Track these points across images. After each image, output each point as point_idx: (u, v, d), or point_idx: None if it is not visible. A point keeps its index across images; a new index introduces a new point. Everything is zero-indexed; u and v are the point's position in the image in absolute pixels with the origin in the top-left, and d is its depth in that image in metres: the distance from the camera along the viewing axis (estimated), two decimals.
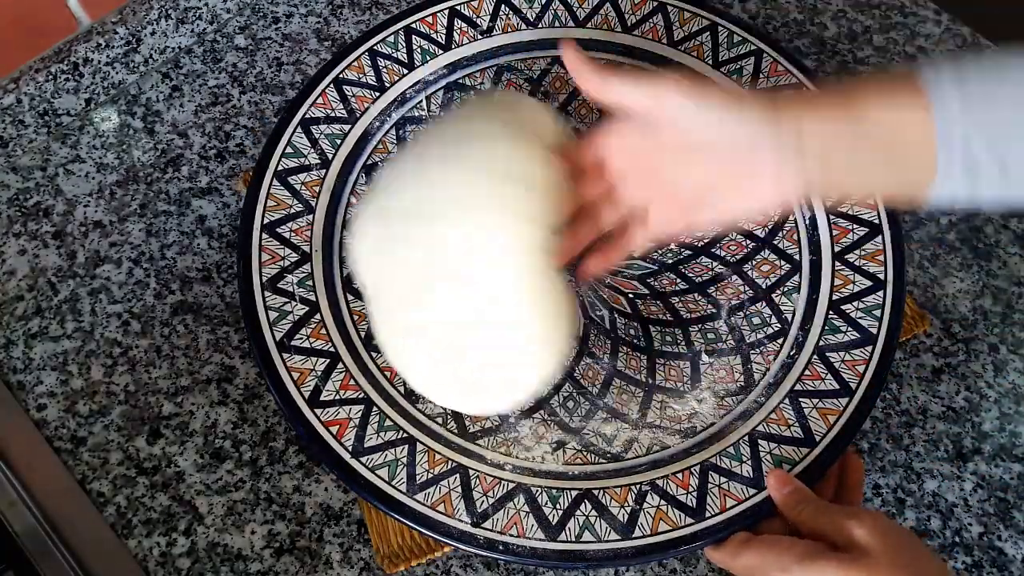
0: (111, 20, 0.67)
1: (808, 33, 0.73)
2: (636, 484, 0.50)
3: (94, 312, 0.61)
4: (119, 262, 0.63)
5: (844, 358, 0.53)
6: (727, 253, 0.59)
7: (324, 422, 0.51)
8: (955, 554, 0.54)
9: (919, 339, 0.60)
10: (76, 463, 0.56)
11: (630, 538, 0.48)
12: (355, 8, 0.74)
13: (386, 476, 0.50)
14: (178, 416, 0.58)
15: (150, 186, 0.66)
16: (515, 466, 0.51)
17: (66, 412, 0.58)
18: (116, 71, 0.69)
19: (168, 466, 0.56)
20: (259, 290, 0.54)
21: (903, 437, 0.57)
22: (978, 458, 0.57)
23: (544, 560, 0.48)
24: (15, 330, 0.60)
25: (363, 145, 0.61)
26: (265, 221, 0.57)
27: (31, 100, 0.65)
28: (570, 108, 0.65)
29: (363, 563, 0.53)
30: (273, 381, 0.52)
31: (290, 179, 0.58)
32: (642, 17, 0.65)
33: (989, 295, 0.62)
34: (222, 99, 0.70)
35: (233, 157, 0.67)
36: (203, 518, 0.54)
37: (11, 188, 0.66)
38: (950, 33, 0.73)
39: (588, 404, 0.55)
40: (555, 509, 0.49)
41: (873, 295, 0.55)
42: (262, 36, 0.73)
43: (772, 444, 0.51)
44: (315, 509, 0.55)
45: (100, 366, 0.59)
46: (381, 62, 0.63)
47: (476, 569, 0.53)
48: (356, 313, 0.56)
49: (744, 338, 0.56)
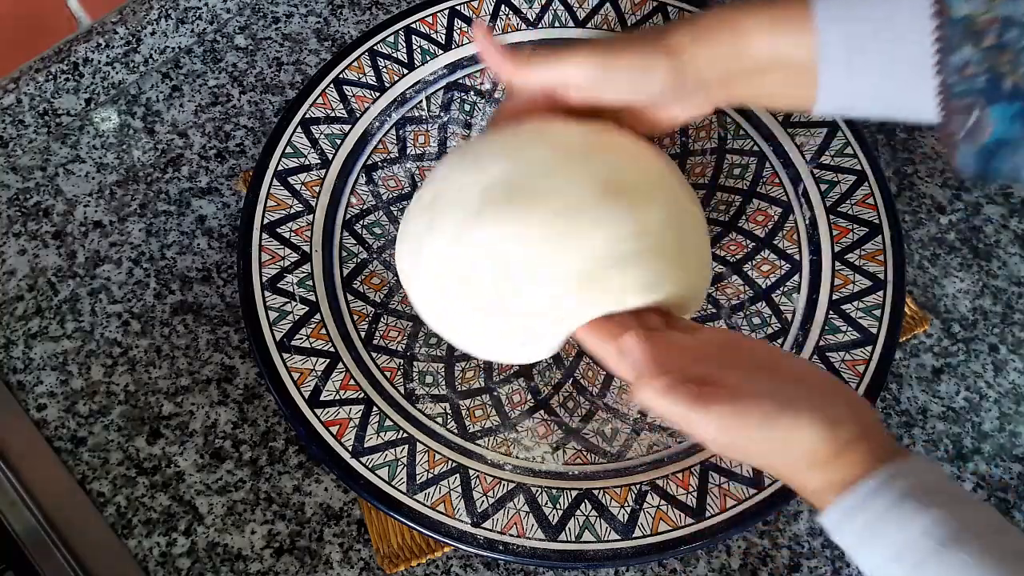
0: (111, 20, 0.67)
1: None
2: (636, 484, 0.50)
3: (94, 312, 0.61)
4: (119, 262, 0.63)
5: (844, 358, 0.53)
6: (727, 253, 0.59)
7: (324, 422, 0.51)
8: None
9: (919, 339, 0.60)
10: (76, 463, 0.56)
11: (630, 538, 0.48)
12: (355, 8, 0.74)
13: (386, 476, 0.50)
14: (178, 416, 0.58)
15: (150, 186, 0.66)
16: (515, 466, 0.51)
17: (66, 412, 0.58)
18: (116, 71, 0.69)
19: (168, 466, 0.56)
20: (259, 290, 0.54)
21: (903, 437, 0.57)
22: (978, 458, 0.57)
23: (544, 560, 0.48)
24: (15, 330, 0.60)
25: (363, 145, 0.61)
26: (265, 221, 0.57)
27: (31, 100, 0.65)
28: None
29: (363, 563, 0.53)
30: (273, 381, 0.52)
31: (290, 179, 0.58)
32: (642, 17, 0.65)
33: (989, 295, 0.62)
34: (222, 99, 0.70)
35: (233, 157, 0.67)
36: (203, 518, 0.54)
37: (11, 188, 0.66)
38: None
39: (588, 404, 0.55)
40: (555, 509, 0.49)
41: (873, 295, 0.55)
42: (262, 36, 0.73)
43: None
44: (315, 509, 0.55)
45: (100, 366, 0.59)
46: (381, 62, 0.63)
47: (476, 569, 0.53)
48: (356, 313, 0.56)
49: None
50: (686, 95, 0.45)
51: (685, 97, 0.45)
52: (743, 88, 0.45)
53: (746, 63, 0.43)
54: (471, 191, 0.45)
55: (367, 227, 0.60)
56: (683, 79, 0.44)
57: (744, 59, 0.43)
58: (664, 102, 0.46)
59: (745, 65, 0.43)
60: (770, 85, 0.44)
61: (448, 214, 0.45)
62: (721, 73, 0.44)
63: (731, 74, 0.44)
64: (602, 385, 0.56)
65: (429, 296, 0.47)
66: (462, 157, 0.47)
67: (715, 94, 0.45)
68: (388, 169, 0.62)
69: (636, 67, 0.44)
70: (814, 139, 0.60)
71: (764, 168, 0.61)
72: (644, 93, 0.45)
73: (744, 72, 0.43)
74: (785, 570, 0.53)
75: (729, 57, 0.43)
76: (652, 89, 0.45)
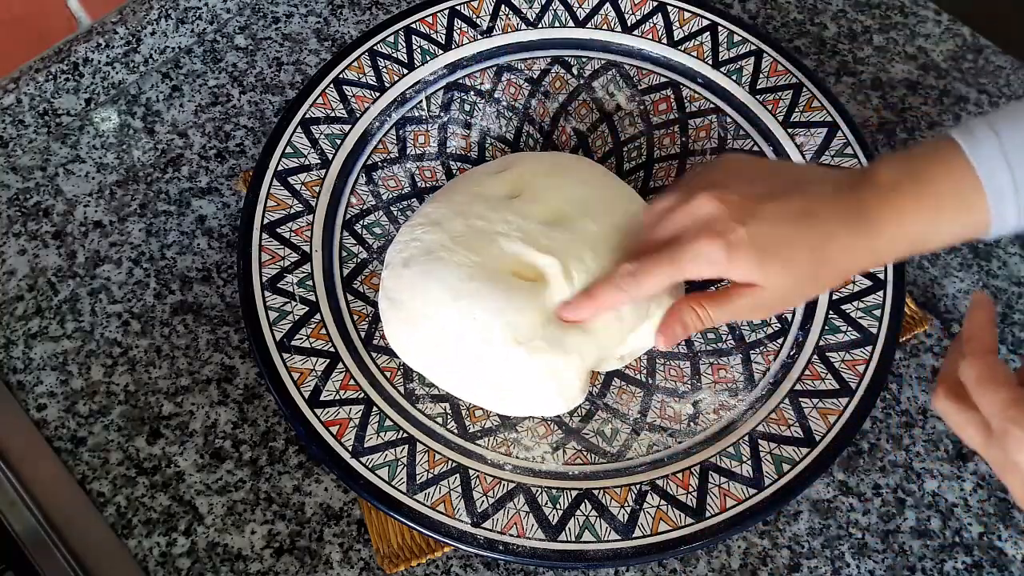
0: (111, 20, 0.67)
1: (808, 33, 0.73)
2: (636, 484, 0.50)
3: (94, 312, 0.61)
4: (119, 262, 0.63)
5: (844, 358, 0.53)
6: None
7: (324, 422, 0.51)
8: (955, 554, 0.54)
9: (919, 339, 0.60)
10: (76, 463, 0.56)
11: (630, 538, 0.48)
12: (355, 8, 0.74)
13: (386, 476, 0.50)
14: (178, 416, 0.58)
15: (150, 186, 0.66)
16: (515, 466, 0.51)
17: (66, 412, 0.58)
18: (116, 71, 0.69)
19: (168, 466, 0.56)
20: (259, 290, 0.54)
21: (903, 437, 0.57)
22: (978, 458, 0.57)
23: (544, 560, 0.48)
24: (15, 330, 0.60)
25: (363, 145, 0.61)
26: (265, 221, 0.57)
27: (31, 100, 0.65)
28: (570, 108, 0.65)
29: (363, 563, 0.53)
30: (273, 381, 0.52)
31: (290, 179, 0.58)
32: (642, 17, 0.65)
33: (989, 295, 0.62)
34: (222, 99, 0.70)
35: (233, 157, 0.67)
36: (203, 518, 0.54)
37: (11, 188, 0.66)
38: (950, 33, 0.73)
39: (588, 404, 0.55)
40: (555, 509, 0.49)
41: (873, 295, 0.55)
42: (262, 36, 0.73)
43: (772, 444, 0.51)
44: (315, 509, 0.55)
45: (100, 366, 0.59)
46: (381, 62, 0.63)
47: (476, 569, 0.53)
48: (356, 313, 0.56)
49: (744, 338, 0.56)
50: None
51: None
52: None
53: (925, 249, 0.44)
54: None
55: (367, 227, 0.60)
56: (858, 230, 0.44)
57: (926, 248, 0.44)
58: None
59: (929, 246, 0.44)
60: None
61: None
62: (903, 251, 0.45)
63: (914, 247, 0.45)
64: (602, 385, 0.56)
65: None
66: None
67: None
68: (388, 169, 0.62)
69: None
70: (814, 139, 0.60)
71: None
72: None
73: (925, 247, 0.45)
74: (785, 570, 0.53)
75: (915, 248, 0.44)
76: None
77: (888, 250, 0.44)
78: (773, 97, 0.62)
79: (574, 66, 0.65)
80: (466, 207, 0.54)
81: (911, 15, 0.74)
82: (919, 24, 0.74)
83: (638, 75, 0.64)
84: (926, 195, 0.42)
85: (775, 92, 0.62)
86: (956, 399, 0.39)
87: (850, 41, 0.73)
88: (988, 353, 0.38)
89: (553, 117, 0.65)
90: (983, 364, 0.37)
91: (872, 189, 0.43)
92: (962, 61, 0.72)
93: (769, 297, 0.45)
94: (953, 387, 0.39)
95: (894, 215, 0.42)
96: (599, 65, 0.65)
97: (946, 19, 0.74)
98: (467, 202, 0.55)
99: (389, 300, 0.54)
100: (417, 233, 0.54)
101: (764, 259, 0.43)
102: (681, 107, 0.64)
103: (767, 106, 0.61)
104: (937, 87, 0.71)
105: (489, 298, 0.50)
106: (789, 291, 0.45)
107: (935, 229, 0.42)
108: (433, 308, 0.51)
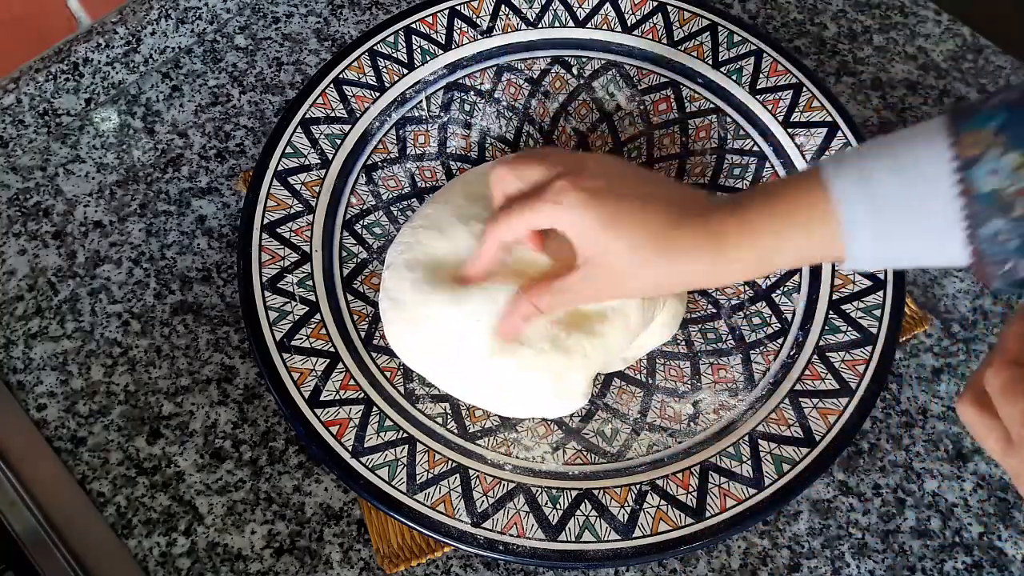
0: (111, 20, 0.67)
1: (808, 33, 0.73)
2: (636, 484, 0.50)
3: (94, 312, 0.61)
4: (119, 262, 0.63)
5: (844, 358, 0.53)
6: None
7: (324, 422, 0.51)
8: (955, 554, 0.54)
9: (919, 339, 0.60)
10: (76, 463, 0.56)
11: (630, 538, 0.48)
12: (355, 8, 0.74)
13: (386, 476, 0.50)
14: (178, 416, 0.58)
15: (150, 186, 0.66)
16: (515, 466, 0.51)
17: (66, 412, 0.58)
18: (116, 71, 0.69)
19: (168, 466, 0.56)
20: (259, 290, 0.54)
21: (903, 437, 0.57)
22: (978, 458, 0.57)
23: (544, 560, 0.48)
24: (15, 330, 0.60)
25: (363, 145, 0.61)
26: (265, 221, 0.57)
27: (31, 100, 0.65)
28: (570, 108, 0.65)
29: (363, 563, 0.53)
30: (273, 381, 0.52)
31: (290, 179, 0.58)
32: (642, 17, 0.65)
33: (989, 295, 0.62)
34: (222, 99, 0.70)
35: (233, 157, 0.67)
36: (203, 518, 0.54)
37: (11, 188, 0.66)
38: (950, 33, 0.73)
39: (588, 404, 0.55)
40: (555, 509, 0.49)
41: (873, 295, 0.55)
42: (262, 36, 0.73)
43: (772, 444, 0.51)
44: (315, 509, 0.55)
45: (100, 366, 0.59)
46: (381, 62, 0.63)
47: (476, 569, 0.53)
48: (356, 313, 0.56)
49: (744, 338, 0.56)
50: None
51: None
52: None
53: (777, 264, 0.44)
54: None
55: (367, 227, 0.60)
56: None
57: (776, 262, 0.44)
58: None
59: (776, 265, 0.44)
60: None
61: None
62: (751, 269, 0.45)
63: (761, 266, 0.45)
64: (602, 385, 0.56)
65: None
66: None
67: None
68: (388, 169, 0.62)
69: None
70: (814, 139, 0.60)
71: (764, 168, 0.61)
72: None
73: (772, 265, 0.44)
74: (785, 570, 0.53)
75: (762, 262, 0.44)
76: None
77: (734, 258, 0.43)
78: (773, 97, 0.62)
79: (574, 66, 0.65)
80: (467, 208, 0.54)
81: (911, 15, 0.74)
82: (919, 24, 0.74)
83: (638, 75, 0.64)
84: (777, 210, 0.42)
85: (775, 92, 0.62)
86: (980, 407, 0.39)
87: (850, 41, 0.73)
88: (1014, 363, 0.38)
89: (553, 117, 0.65)
90: (1009, 374, 0.37)
91: (726, 201, 0.44)
92: (962, 61, 0.72)
93: (603, 274, 0.45)
94: (979, 395, 0.39)
95: (743, 225, 0.42)
96: (599, 65, 0.65)
97: (946, 19, 0.74)
98: (468, 203, 0.55)
99: (391, 301, 0.54)
100: (418, 234, 0.54)
101: (606, 222, 0.43)
102: (681, 107, 0.64)
103: (767, 106, 0.61)
104: (937, 87, 0.71)
105: (492, 299, 0.50)
106: (623, 271, 0.44)
107: (781, 244, 0.42)
108: (436, 309, 0.51)
